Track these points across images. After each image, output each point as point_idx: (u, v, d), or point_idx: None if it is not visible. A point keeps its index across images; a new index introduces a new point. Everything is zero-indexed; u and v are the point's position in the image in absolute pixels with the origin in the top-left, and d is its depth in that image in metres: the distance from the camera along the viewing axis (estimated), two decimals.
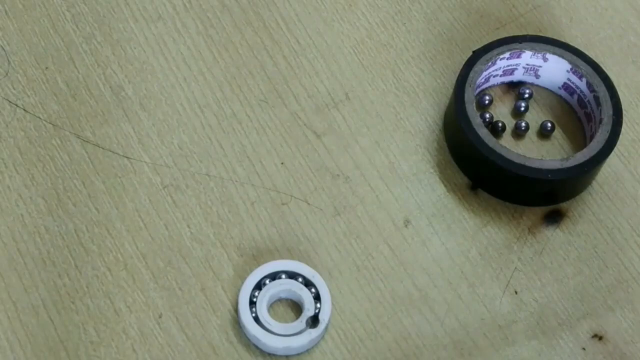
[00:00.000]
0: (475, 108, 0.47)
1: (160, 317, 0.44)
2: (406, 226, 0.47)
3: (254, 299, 0.44)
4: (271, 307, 0.44)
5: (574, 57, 0.49)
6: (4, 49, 0.50)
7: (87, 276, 0.45)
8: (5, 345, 0.43)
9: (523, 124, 0.50)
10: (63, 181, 0.47)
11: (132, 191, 0.47)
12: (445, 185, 0.48)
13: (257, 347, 0.43)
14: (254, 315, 0.43)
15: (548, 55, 0.49)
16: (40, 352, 0.43)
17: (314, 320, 0.43)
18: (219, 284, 0.45)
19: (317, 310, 0.43)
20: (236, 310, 0.44)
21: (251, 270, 0.44)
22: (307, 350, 0.43)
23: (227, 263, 0.45)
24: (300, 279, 0.44)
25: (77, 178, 0.47)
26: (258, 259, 0.45)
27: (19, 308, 0.44)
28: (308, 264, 0.45)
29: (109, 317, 0.44)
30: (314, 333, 0.43)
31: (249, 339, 0.43)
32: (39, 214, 0.46)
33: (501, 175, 0.46)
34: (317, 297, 0.44)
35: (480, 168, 0.47)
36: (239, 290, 0.44)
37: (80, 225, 0.46)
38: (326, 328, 0.43)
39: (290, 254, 0.46)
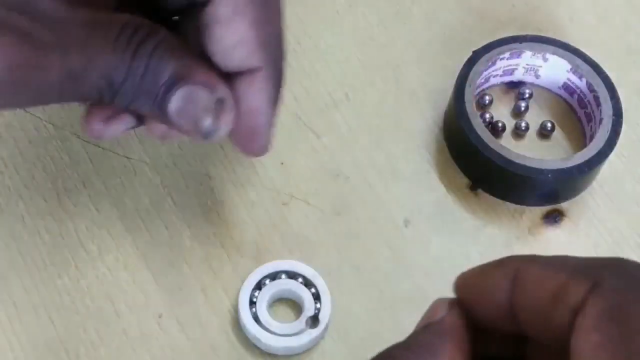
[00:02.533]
0: (475, 108, 0.47)
1: (160, 317, 0.44)
2: (406, 226, 0.47)
3: (254, 299, 0.44)
4: (271, 307, 0.44)
5: (574, 57, 0.49)
6: None
7: (87, 276, 0.45)
8: (5, 345, 0.43)
9: (523, 124, 0.50)
10: (63, 181, 0.47)
11: (132, 191, 0.47)
12: (445, 185, 0.48)
13: (257, 347, 0.43)
14: (253, 315, 0.43)
15: (548, 55, 0.49)
16: (40, 352, 0.43)
17: (314, 320, 0.43)
18: (219, 284, 0.45)
19: (317, 311, 0.43)
20: (236, 310, 0.44)
21: (251, 270, 0.44)
22: (307, 350, 0.43)
23: (227, 263, 0.45)
24: (300, 279, 0.44)
25: (77, 178, 0.47)
26: (258, 259, 0.45)
27: (19, 308, 0.44)
28: (308, 264, 0.45)
29: (109, 317, 0.44)
30: (314, 333, 0.43)
31: (249, 339, 0.43)
32: (39, 214, 0.46)
33: (501, 175, 0.46)
34: (317, 297, 0.44)
35: (480, 168, 0.47)
36: (239, 290, 0.44)
37: (80, 225, 0.46)
38: (326, 328, 0.43)
39: (290, 254, 0.46)
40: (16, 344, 0.43)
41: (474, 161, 0.47)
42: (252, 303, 0.43)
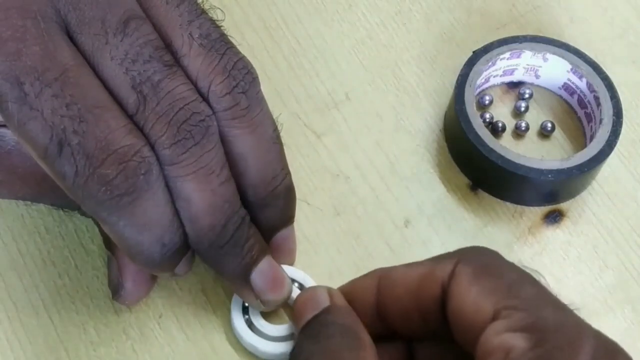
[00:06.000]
0: (475, 108, 0.47)
1: (160, 317, 0.44)
2: (406, 226, 0.47)
3: (247, 304, 0.43)
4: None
5: (574, 57, 0.49)
6: None
7: (87, 276, 0.44)
8: (5, 345, 0.43)
9: (523, 124, 0.50)
10: None
11: None
12: (445, 186, 0.48)
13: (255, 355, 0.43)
14: (247, 321, 0.43)
15: (548, 55, 0.49)
16: (41, 352, 0.43)
17: None
18: (219, 284, 0.45)
19: None
20: None
21: None
22: None
23: None
24: (295, 283, 0.43)
25: None
26: None
27: (19, 308, 0.44)
28: (308, 265, 0.45)
29: (109, 317, 0.44)
30: None
31: (245, 347, 0.43)
32: (39, 214, 0.46)
33: (501, 175, 0.46)
34: None
35: (481, 168, 0.47)
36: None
37: (80, 225, 0.46)
38: None
39: None
40: (16, 344, 0.43)
41: (474, 161, 0.47)
42: (245, 309, 0.43)
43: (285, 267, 0.43)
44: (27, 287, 0.44)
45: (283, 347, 0.42)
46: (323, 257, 0.46)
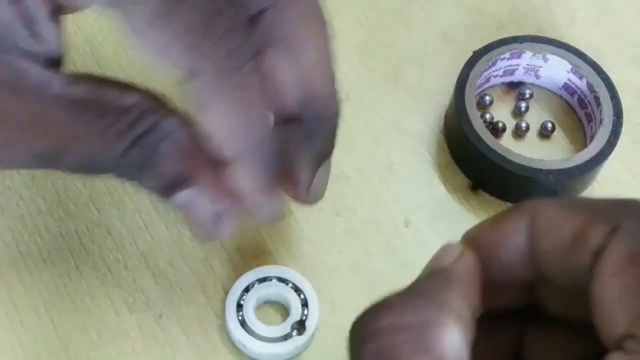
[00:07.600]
0: (475, 108, 0.47)
1: (160, 317, 0.44)
2: (406, 226, 0.47)
3: (242, 302, 0.43)
4: (259, 309, 0.44)
5: (574, 57, 0.49)
6: None
7: (87, 276, 0.44)
8: (5, 345, 0.43)
9: (523, 124, 0.50)
10: (63, 181, 0.47)
11: (132, 191, 0.47)
12: (446, 186, 0.48)
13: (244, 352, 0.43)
14: (240, 319, 0.43)
15: (548, 56, 0.49)
16: (41, 353, 0.43)
17: (300, 326, 0.43)
18: (219, 284, 0.45)
19: (304, 317, 0.43)
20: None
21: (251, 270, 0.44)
22: (298, 354, 0.43)
23: (227, 263, 0.45)
24: (290, 284, 0.44)
25: (78, 178, 0.47)
26: (258, 259, 0.45)
27: (20, 308, 0.44)
28: (307, 265, 0.45)
29: (110, 317, 0.44)
30: (299, 340, 0.42)
31: (236, 346, 0.43)
32: (39, 214, 0.46)
33: (501, 175, 0.46)
34: (305, 304, 0.43)
35: (481, 168, 0.47)
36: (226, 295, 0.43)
37: (81, 225, 0.46)
38: (312, 336, 0.43)
39: (290, 254, 0.46)
40: (16, 343, 0.43)
41: (474, 161, 0.47)
42: (240, 306, 0.43)
43: (285, 270, 0.43)
44: (28, 287, 0.44)
45: (274, 348, 0.42)
46: (323, 257, 0.46)
